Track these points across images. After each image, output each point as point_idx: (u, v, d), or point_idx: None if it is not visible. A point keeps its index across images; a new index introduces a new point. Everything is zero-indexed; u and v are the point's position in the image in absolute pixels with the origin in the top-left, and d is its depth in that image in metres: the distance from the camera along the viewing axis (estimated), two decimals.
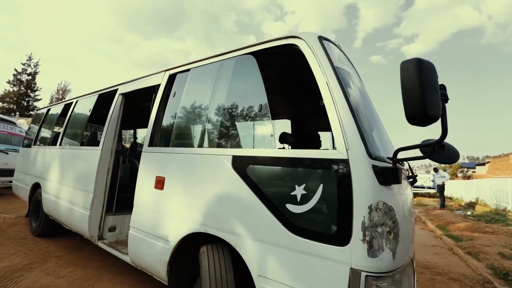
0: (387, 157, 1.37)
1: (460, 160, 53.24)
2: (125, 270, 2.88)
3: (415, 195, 16.16)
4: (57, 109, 4.64)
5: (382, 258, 1.16)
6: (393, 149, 1.61)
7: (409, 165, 2.08)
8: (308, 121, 2.84)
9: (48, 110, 4.85)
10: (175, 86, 2.37)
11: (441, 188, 10.33)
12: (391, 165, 1.31)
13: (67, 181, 3.37)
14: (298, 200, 1.33)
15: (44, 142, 4.57)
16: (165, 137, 2.28)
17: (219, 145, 1.94)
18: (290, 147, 2.41)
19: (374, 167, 1.23)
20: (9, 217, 4.80)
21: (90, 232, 2.76)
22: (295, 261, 1.31)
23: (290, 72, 2.23)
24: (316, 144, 2.58)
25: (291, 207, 1.35)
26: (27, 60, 24.54)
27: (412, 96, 1.10)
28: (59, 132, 4.17)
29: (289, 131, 3.47)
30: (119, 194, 3.22)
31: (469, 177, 33.03)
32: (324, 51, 1.51)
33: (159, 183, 2.05)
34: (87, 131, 3.92)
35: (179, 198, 1.92)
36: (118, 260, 3.11)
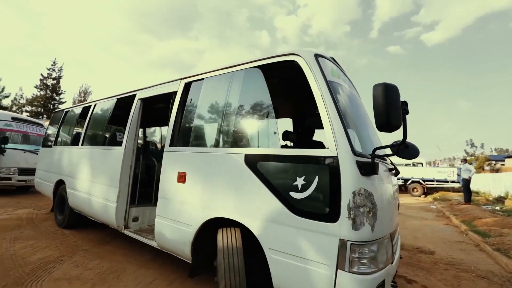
0: (368, 154, 1.69)
1: (488, 152, 50.31)
2: (146, 264, 3.00)
3: (439, 189, 15.53)
4: (75, 111, 4.94)
5: (363, 231, 1.54)
6: (378, 144, 1.97)
7: (390, 160, 2.45)
8: (306, 120, 3.13)
9: (66, 112, 5.11)
10: (191, 93, 2.71)
11: (466, 182, 9.84)
12: (370, 159, 1.64)
13: (92, 177, 3.65)
14: (299, 189, 1.70)
15: (65, 142, 4.85)
16: (184, 139, 2.62)
17: (232, 145, 2.24)
18: (292, 143, 2.68)
19: (357, 162, 1.59)
20: (40, 213, 5.12)
21: (117, 222, 3.11)
22: (297, 235, 1.69)
23: (291, 81, 2.48)
24: (311, 139, 2.91)
25: (293, 194, 1.72)
26: (52, 65, 25.84)
27: (380, 111, 1.50)
28: (80, 133, 4.52)
29: (290, 128, 3.80)
30: (139, 189, 3.46)
31: (497, 170, 31.21)
32: (319, 67, 1.85)
33: (181, 178, 2.42)
34: (107, 132, 4.13)
35: (200, 189, 2.27)
36: (140, 254, 3.26)
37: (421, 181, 15.17)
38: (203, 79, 2.62)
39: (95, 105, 4.30)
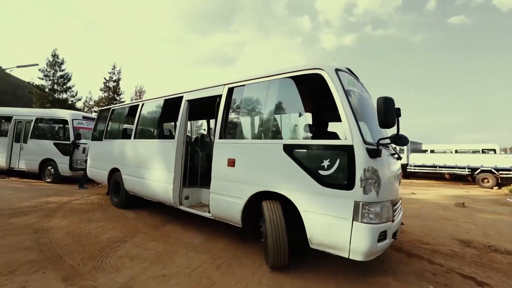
0: (375, 143, 2.29)
1: None
2: (196, 248, 3.19)
3: (508, 179, 13.05)
4: (121, 110, 5.62)
5: (371, 195, 2.18)
6: (382, 136, 2.45)
7: (393, 148, 3.01)
8: (323, 116, 3.70)
9: (113, 110, 5.75)
10: (234, 96, 3.33)
11: None
12: (375, 147, 2.27)
13: (148, 165, 4.34)
14: (325, 168, 2.35)
15: (115, 136, 5.54)
16: (231, 133, 3.29)
17: (272, 137, 2.89)
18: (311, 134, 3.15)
19: (367, 148, 2.22)
20: (107, 199, 5.84)
21: (174, 200, 3.80)
22: (325, 200, 2.34)
23: (315, 88, 2.93)
24: (326, 130, 3.48)
25: (321, 172, 2.37)
26: (112, 69, 28.92)
27: (381, 115, 2.17)
28: (128, 128, 5.29)
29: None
30: (188, 173, 4.16)
31: None
32: (339, 79, 2.45)
33: (231, 163, 3.09)
34: (157, 127, 4.64)
35: (248, 171, 2.95)
36: (190, 239, 3.48)
37: (493, 170, 13.07)
38: (244, 85, 3.23)
39: (142, 104, 4.94)
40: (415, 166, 15.62)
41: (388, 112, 2.14)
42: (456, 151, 16.72)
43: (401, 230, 4.23)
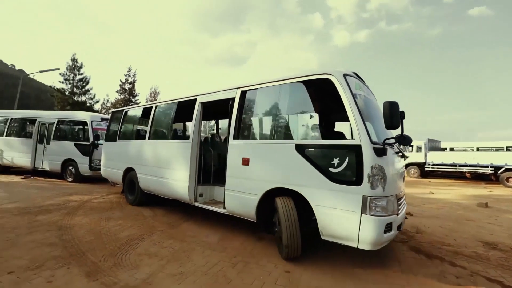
0: (381, 142, 2.48)
1: None
2: (212, 246, 3.22)
3: None
4: (134, 112, 5.78)
5: (377, 190, 2.37)
6: (387, 136, 2.67)
7: (397, 147, 3.16)
8: (330, 117, 3.80)
9: (126, 112, 5.90)
10: (247, 99, 3.52)
11: None
12: (381, 146, 2.47)
13: (164, 164, 4.49)
14: (335, 165, 2.53)
15: (128, 137, 5.69)
16: (244, 133, 3.50)
17: (284, 138, 3.12)
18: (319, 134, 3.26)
19: (373, 147, 2.40)
20: (124, 198, 6.00)
21: (189, 197, 3.99)
22: (334, 195, 2.52)
23: (324, 92, 3.05)
24: (333, 130, 3.63)
25: (331, 169, 2.55)
26: (127, 71, 29.74)
27: (387, 118, 2.37)
28: (141, 129, 5.46)
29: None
30: (202, 172, 4.30)
31: None
32: (347, 83, 2.64)
33: (246, 162, 3.27)
34: (171, 128, 4.79)
35: (261, 169, 3.14)
36: (206, 237, 3.53)
37: None
38: (256, 89, 3.42)
39: (156, 106, 5.08)
40: (433, 164, 15.09)
41: (393, 115, 2.36)
42: (477, 149, 16.00)
43: (420, 230, 4.14)
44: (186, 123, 6.50)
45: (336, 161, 2.52)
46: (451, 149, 17.28)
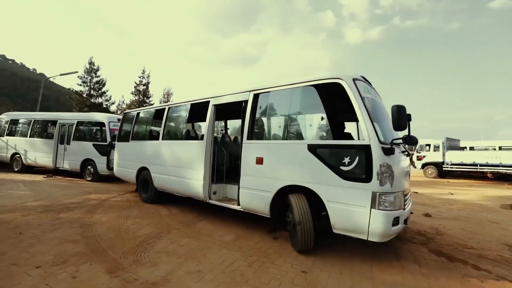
0: (389, 142, 2.66)
1: None
2: (227, 245, 3.25)
3: None
4: (146, 113, 5.93)
5: (386, 187, 2.54)
6: (395, 136, 2.88)
7: (403, 146, 3.32)
8: (340, 119, 3.98)
9: (138, 113, 6.03)
10: (260, 101, 3.66)
11: None
12: (389, 146, 2.64)
13: (178, 163, 4.63)
14: (346, 164, 2.70)
15: (141, 137, 5.82)
16: (258, 134, 3.66)
17: (297, 138, 3.29)
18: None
19: (382, 147, 2.57)
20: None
21: (204, 194, 4.15)
22: (345, 191, 2.69)
23: (334, 95, 3.19)
24: (343, 131, 3.75)
25: (342, 167, 2.72)
26: (142, 73, 30.41)
27: (394, 120, 2.57)
28: (154, 130, 5.61)
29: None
30: (215, 171, 4.43)
31: None
32: (356, 87, 2.81)
33: (260, 161, 3.43)
34: (185, 129, 4.92)
35: (275, 168, 3.30)
36: (221, 236, 3.56)
37: None
38: (269, 91, 3.58)
39: (169, 108, 5.20)
40: (452, 164, 14.56)
41: (400, 118, 2.54)
42: (500, 148, 15.31)
43: (440, 232, 4.01)
44: (200, 123, 6.60)
45: (347, 160, 2.69)
46: (471, 148, 16.63)
